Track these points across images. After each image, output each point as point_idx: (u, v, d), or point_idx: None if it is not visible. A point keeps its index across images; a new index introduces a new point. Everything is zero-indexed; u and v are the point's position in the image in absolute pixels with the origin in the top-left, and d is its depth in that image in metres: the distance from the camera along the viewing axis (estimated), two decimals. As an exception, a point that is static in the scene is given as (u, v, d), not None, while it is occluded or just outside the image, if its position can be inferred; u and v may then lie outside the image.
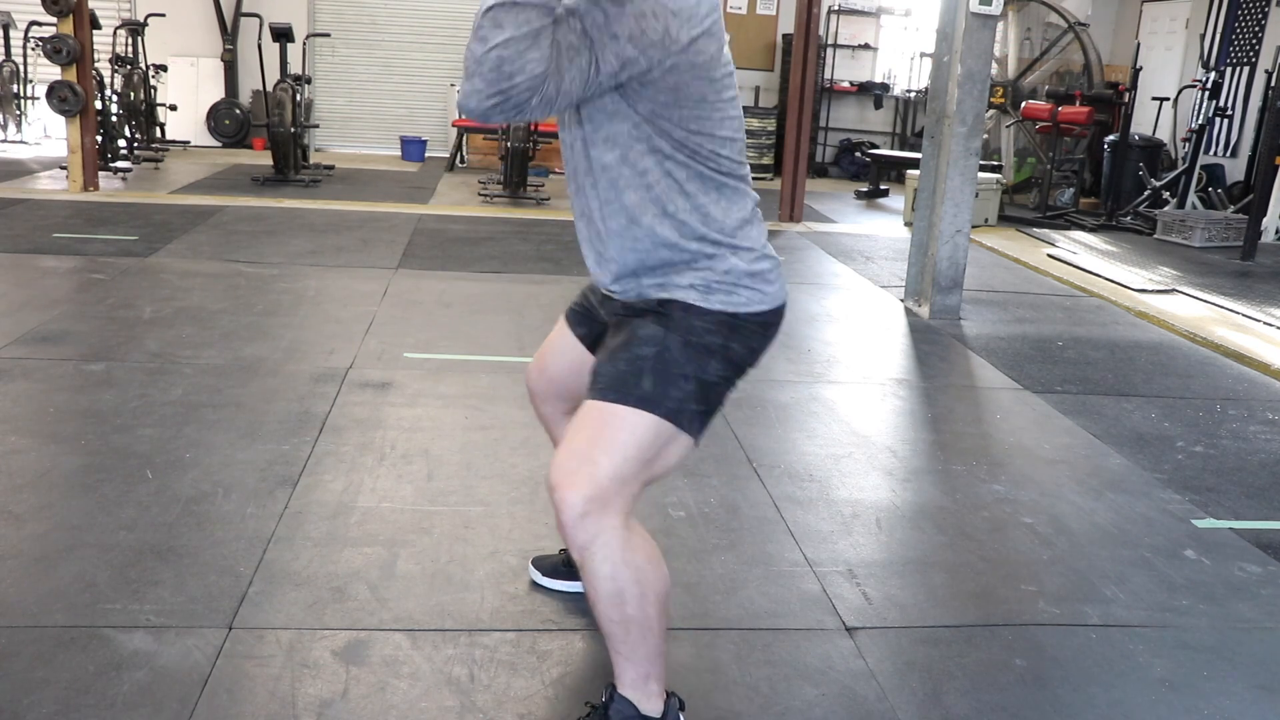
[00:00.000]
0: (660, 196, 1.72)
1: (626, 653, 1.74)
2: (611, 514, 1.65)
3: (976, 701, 2.09)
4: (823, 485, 3.12)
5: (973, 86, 5.11)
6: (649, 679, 1.77)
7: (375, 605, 2.30)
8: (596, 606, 1.71)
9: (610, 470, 1.65)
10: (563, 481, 1.64)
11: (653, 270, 1.77)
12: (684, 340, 1.72)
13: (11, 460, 2.94)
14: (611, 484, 1.65)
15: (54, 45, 7.49)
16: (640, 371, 1.70)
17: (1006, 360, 4.63)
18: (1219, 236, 8.13)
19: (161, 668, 2.02)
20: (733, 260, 1.75)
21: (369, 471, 3.00)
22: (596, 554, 1.65)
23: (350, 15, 11.30)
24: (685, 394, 1.71)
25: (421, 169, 10.46)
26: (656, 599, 1.71)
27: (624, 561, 1.66)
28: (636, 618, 1.70)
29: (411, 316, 4.74)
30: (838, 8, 11.80)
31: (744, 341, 1.77)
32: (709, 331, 1.74)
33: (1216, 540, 2.90)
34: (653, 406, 1.68)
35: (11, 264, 5.33)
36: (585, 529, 1.63)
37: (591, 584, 1.68)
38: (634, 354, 1.72)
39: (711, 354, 1.74)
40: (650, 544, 1.73)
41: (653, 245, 1.74)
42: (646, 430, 1.68)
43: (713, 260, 1.75)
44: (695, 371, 1.72)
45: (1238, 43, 9.74)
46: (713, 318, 1.74)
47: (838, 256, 6.99)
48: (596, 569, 1.66)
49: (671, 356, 1.71)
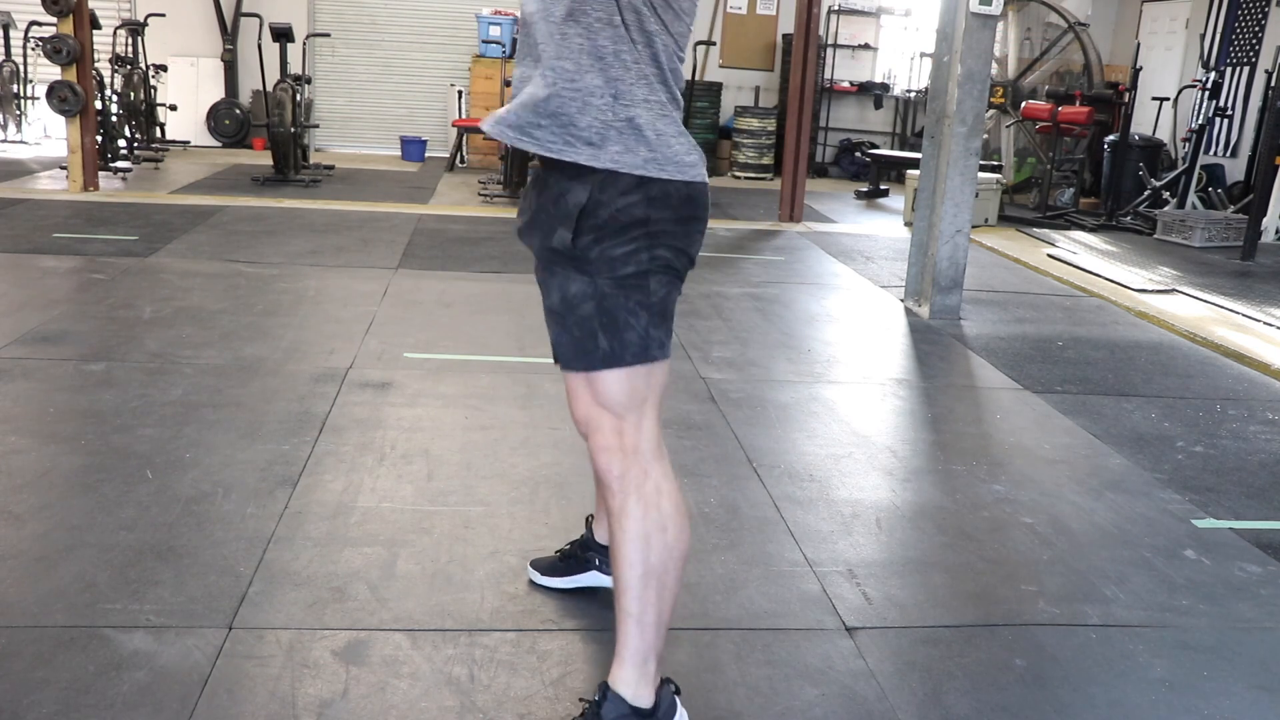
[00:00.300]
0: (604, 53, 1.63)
1: (637, 612, 1.76)
2: (642, 457, 1.75)
3: (976, 701, 2.09)
4: (823, 485, 3.12)
5: (973, 86, 5.11)
6: (649, 656, 1.78)
7: (375, 605, 2.30)
8: (621, 549, 1.76)
9: (611, 433, 1.75)
10: (589, 429, 1.79)
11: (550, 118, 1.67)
12: (613, 281, 1.69)
13: (11, 460, 2.94)
14: (621, 430, 1.75)
15: (54, 45, 7.49)
16: (592, 332, 1.73)
17: (1006, 360, 4.63)
18: (1219, 236, 8.14)
19: (161, 668, 2.02)
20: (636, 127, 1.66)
21: (369, 471, 3.00)
22: (631, 493, 1.74)
23: (350, 15, 11.30)
24: (640, 329, 1.72)
25: (421, 169, 10.46)
26: (679, 555, 1.78)
27: (654, 504, 1.75)
28: (657, 569, 1.75)
29: (411, 316, 4.74)
30: (838, 8, 11.80)
31: (667, 242, 1.70)
32: (630, 253, 1.67)
33: (1216, 540, 2.90)
34: (618, 360, 1.73)
35: (11, 264, 5.33)
36: (615, 465, 1.75)
37: (621, 524, 1.75)
38: (578, 316, 1.73)
39: (644, 276, 1.69)
40: (680, 498, 1.79)
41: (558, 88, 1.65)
42: (622, 380, 1.74)
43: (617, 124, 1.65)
44: (639, 303, 1.71)
45: (1238, 43, 9.74)
46: (623, 233, 1.66)
47: (838, 256, 6.99)
48: (629, 508, 1.75)
49: (611, 302, 1.70)
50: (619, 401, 1.75)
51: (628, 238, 1.68)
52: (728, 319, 5.04)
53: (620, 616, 1.78)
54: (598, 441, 1.77)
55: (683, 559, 1.79)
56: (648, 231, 1.69)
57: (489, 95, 10.47)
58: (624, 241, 1.68)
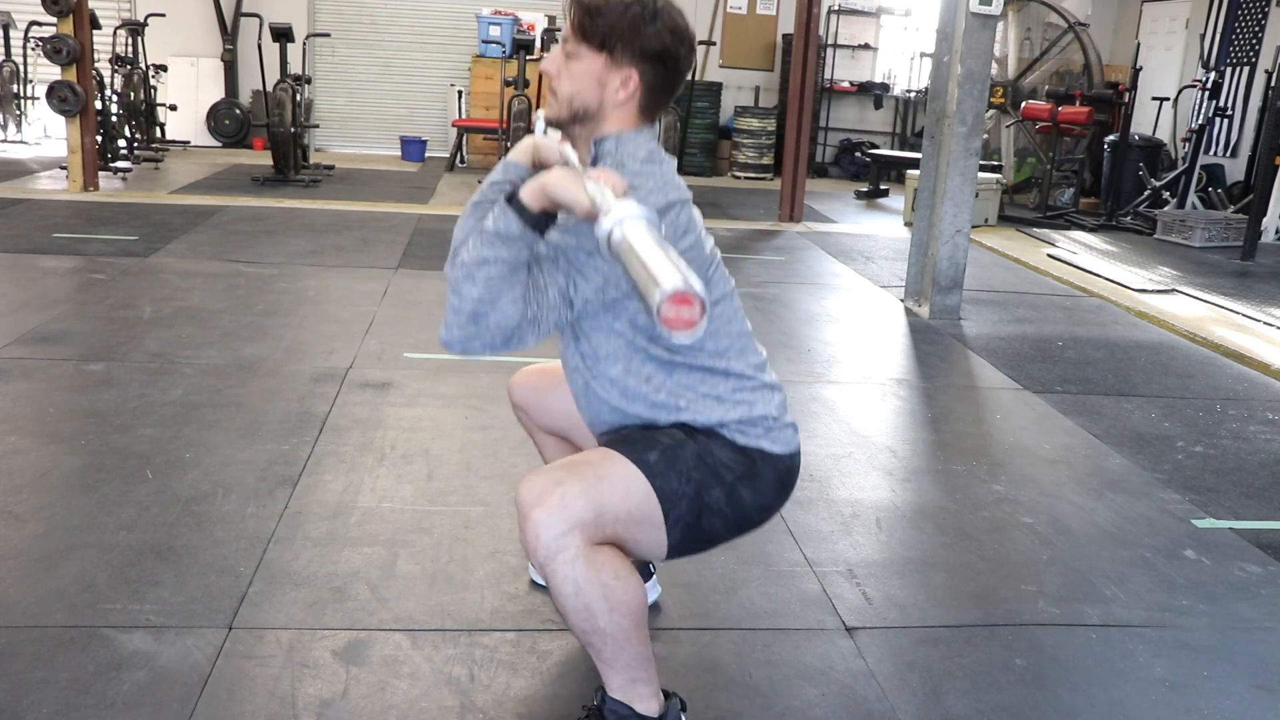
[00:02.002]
0: (673, 393, 1.76)
1: (608, 660, 1.72)
2: (574, 535, 1.59)
3: (976, 701, 2.09)
4: (823, 485, 3.12)
5: (973, 86, 5.11)
6: (635, 683, 1.75)
7: (375, 605, 2.30)
8: (568, 620, 1.68)
9: (579, 503, 1.60)
10: (529, 500, 1.60)
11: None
12: (699, 453, 1.72)
13: (11, 460, 2.94)
14: (578, 515, 1.59)
15: (54, 45, 7.49)
16: (651, 446, 1.71)
17: (1006, 360, 4.63)
18: (1219, 236, 8.14)
19: (161, 668, 2.02)
20: (748, 420, 1.78)
21: (369, 471, 3.00)
22: (558, 571, 1.60)
23: (350, 15, 11.30)
24: (682, 492, 1.69)
25: (421, 169, 10.46)
26: (629, 612, 1.65)
27: (587, 579, 1.60)
28: (609, 630, 1.66)
29: (411, 316, 4.74)
30: (838, 8, 11.80)
31: (755, 489, 1.77)
32: (725, 465, 1.74)
33: (1216, 540, 2.90)
34: (649, 473, 1.67)
35: (11, 264, 5.33)
36: (546, 546, 1.58)
37: (557, 598, 1.64)
38: (651, 435, 1.73)
39: (719, 482, 1.73)
40: (619, 559, 1.65)
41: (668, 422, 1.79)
42: (632, 487, 1.66)
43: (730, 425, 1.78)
44: (698, 483, 1.71)
45: (1238, 43, 9.74)
46: (732, 453, 1.75)
47: (838, 256, 6.99)
48: (560, 586, 1.61)
49: (684, 455, 1.71)
50: (606, 492, 1.63)
51: (732, 457, 1.75)
52: (728, 319, 5.03)
53: (593, 658, 1.74)
54: (538, 515, 1.58)
55: (635, 614, 1.67)
56: (752, 468, 1.76)
57: (489, 95, 10.47)
58: (728, 455, 1.75)
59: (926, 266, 5.42)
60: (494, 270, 1.56)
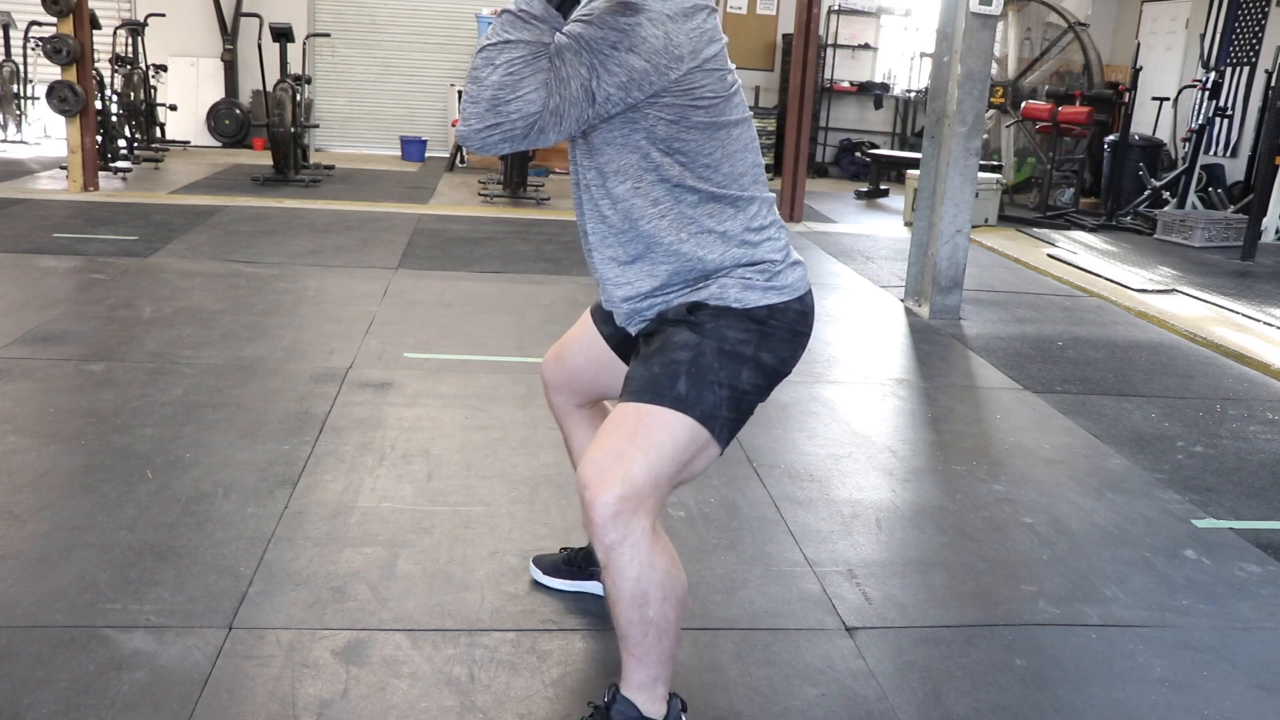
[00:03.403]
0: (675, 223, 1.74)
1: (640, 654, 1.74)
2: (642, 515, 1.63)
3: (976, 701, 2.09)
4: (823, 485, 3.12)
5: (973, 86, 5.11)
6: (657, 682, 1.77)
7: (375, 605, 2.30)
8: (617, 607, 1.70)
9: (644, 470, 1.63)
10: (595, 480, 1.62)
11: (670, 289, 1.79)
12: (718, 347, 1.72)
13: (11, 460, 2.94)
14: (645, 484, 1.63)
15: (54, 45, 7.49)
16: (676, 375, 1.70)
17: (1006, 360, 4.63)
18: (1219, 236, 8.13)
19: (161, 668, 2.02)
20: (751, 264, 1.76)
21: (369, 471, 3.00)
22: (625, 554, 1.63)
23: (350, 15, 11.30)
24: (719, 399, 1.70)
25: (421, 169, 10.46)
26: (677, 602, 1.71)
27: (650, 564, 1.64)
28: (656, 620, 1.70)
29: (411, 316, 4.74)
30: (838, 8, 11.80)
31: (774, 350, 1.77)
32: (741, 341, 1.74)
33: (1216, 540, 2.90)
34: (688, 408, 1.68)
35: (11, 264, 5.33)
36: (615, 529, 1.61)
37: (615, 584, 1.67)
38: (669, 358, 1.72)
39: (743, 362, 1.73)
40: (672, 548, 1.72)
41: (670, 270, 1.77)
42: (682, 432, 1.67)
43: (731, 269, 1.76)
44: (729, 378, 1.71)
45: (1238, 43, 9.74)
46: (742, 324, 1.74)
47: (838, 256, 6.99)
48: (624, 569, 1.64)
49: (706, 362, 1.71)
50: (653, 454, 1.64)
51: (744, 328, 1.73)
52: (728, 319, 5.03)
53: (623, 654, 1.77)
54: (602, 494, 1.61)
55: (680, 604, 1.72)
56: (764, 330, 1.74)
57: (489, 95, 10.45)
58: (741, 329, 1.73)
59: (926, 266, 5.42)
60: (515, 53, 1.55)
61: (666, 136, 1.68)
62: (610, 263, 1.82)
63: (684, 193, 1.73)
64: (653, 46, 1.58)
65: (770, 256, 1.78)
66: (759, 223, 1.79)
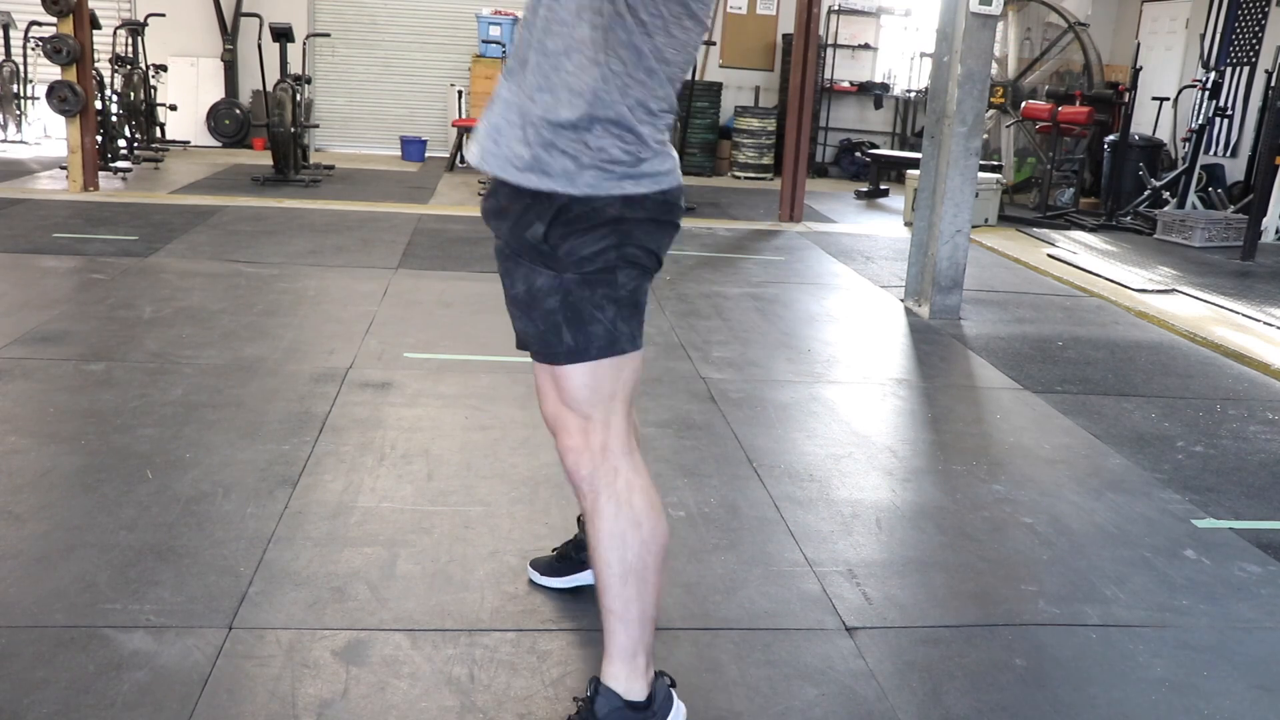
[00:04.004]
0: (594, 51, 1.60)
1: (620, 610, 1.75)
2: (610, 456, 1.73)
3: (976, 701, 2.09)
4: (823, 485, 3.12)
5: (973, 86, 5.11)
6: (637, 651, 1.78)
7: (375, 605, 2.30)
8: (597, 550, 1.74)
9: (578, 433, 1.74)
10: (556, 428, 1.77)
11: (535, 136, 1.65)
12: (580, 276, 1.67)
13: (11, 460, 2.94)
14: (587, 430, 1.73)
15: (54, 45, 7.49)
16: (557, 326, 1.69)
17: (1006, 360, 4.63)
18: (1219, 236, 8.13)
19: (161, 668, 2.02)
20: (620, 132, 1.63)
21: (369, 471, 3.00)
22: (601, 492, 1.73)
23: (350, 15, 11.30)
24: (608, 323, 1.69)
25: (421, 169, 10.46)
26: (657, 549, 1.76)
27: (626, 501, 1.72)
28: (635, 566, 1.73)
29: (411, 316, 4.74)
30: (838, 8, 11.79)
31: (638, 242, 1.69)
32: (598, 254, 1.66)
33: (1216, 540, 2.90)
34: (583, 355, 1.71)
35: (11, 264, 5.33)
36: (583, 465, 1.74)
37: (594, 524, 1.74)
38: (543, 310, 1.70)
39: (611, 270, 1.68)
40: (652, 493, 1.78)
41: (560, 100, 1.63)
42: (588, 375, 1.72)
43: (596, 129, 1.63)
44: (607, 295, 1.69)
45: (1238, 43, 9.74)
46: (594, 233, 1.64)
47: (838, 256, 6.99)
48: (601, 507, 1.73)
49: (576, 297, 1.68)
50: (585, 399, 1.73)
51: (598, 235, 1.66)
52: (728, 319, 5.04)
53: (604, 615, 1.78)
54: (565, 442, 1.75)
55: (660, 552, 1.78)
56: (619, 230, 1.67)
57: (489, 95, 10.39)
58: (594, 239, 1.66)
59: (926, 266, 5.42)
60: None
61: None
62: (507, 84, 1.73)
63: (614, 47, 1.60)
64: None
65: (641, 131, 1.64)
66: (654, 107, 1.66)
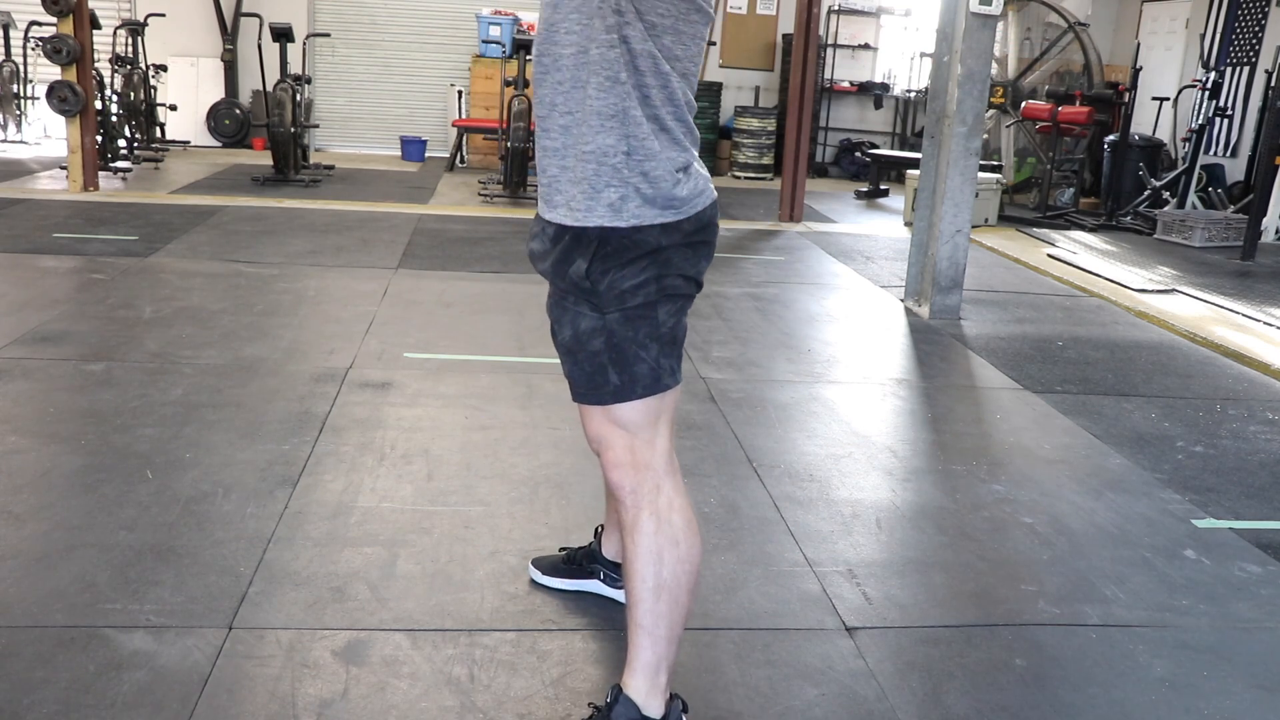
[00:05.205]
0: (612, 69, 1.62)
1: (649, 625, 1.76)
2: (654, 473, 1.76)
3: (976, 701, 2.09)
4: (823, 485, 3.12)
5: (973, 86, 5.11)
6: (660, 668, 1.78)
7: (375, 605, 2.30)
8: (633, 564, 1.76)
9: (624, 450, 1.76)
10: (601, 447, 1.80)
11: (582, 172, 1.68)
12: (622, 314, 1.70)
13: (11, 460, 2.94)
14: (633, 447, 1.76)
15: (54, 45, 7.49)
16: (603, 367, 1.73)
17: (1006, 360, 4.63)
18: (1219, 236, 8.13)
19: (161, 668, 2.02)
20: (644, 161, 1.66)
21: (369, 471, 3.00)
22: (644, 507, 1.75)
23: (350, 15, 11.30)
24: (651, 361, 1.73)
25: (421, 169, 10.46)
26: (692, 569, 1.78)
27: (666, 519, 1.75)
28: (669, 583, 1.76)
29: (411, 316, 4.74)
30: (838, 8, 11.79)
31: (679, 269, 1.72)
32: (639, 287, 1.68)
33: (1216, 540, 2.90)
34: (628, 394, 1.73)
35: (11, 264, 5.33)
36: (627, 480, 1.76)
37: (633, 538, 1.76)
38: (589, 352, 1.74)
39: (653, 305, 1.71)
40: (691, 513, 1.80)
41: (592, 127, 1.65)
42: (633, 413, 1.76)
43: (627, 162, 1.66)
44: (649, 332, 1.72)
45: (1238, 43, 9.74)
46: (634, 265, 1.67)
47: (838, 256, 6.99)
48: (642, 523, 1.75)
49: (620, 336, 1.71)
50: (632, 422, 1.76)
51: (639, 266, 1.69)
52: (728, 319, 5.04)
53: (632, 628, 1.79)
54: (610, 458, 1.78)
55: (694, 573, 1.80)
56: (658, 260, 1.70)
57: (489, 95, 10.46)
58: (635, 271, 1.69)
59: (926, 266, 5.42)
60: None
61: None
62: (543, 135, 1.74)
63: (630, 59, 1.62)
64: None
65: (673, 132, 1.68)
66: (675, 117, 1.69)
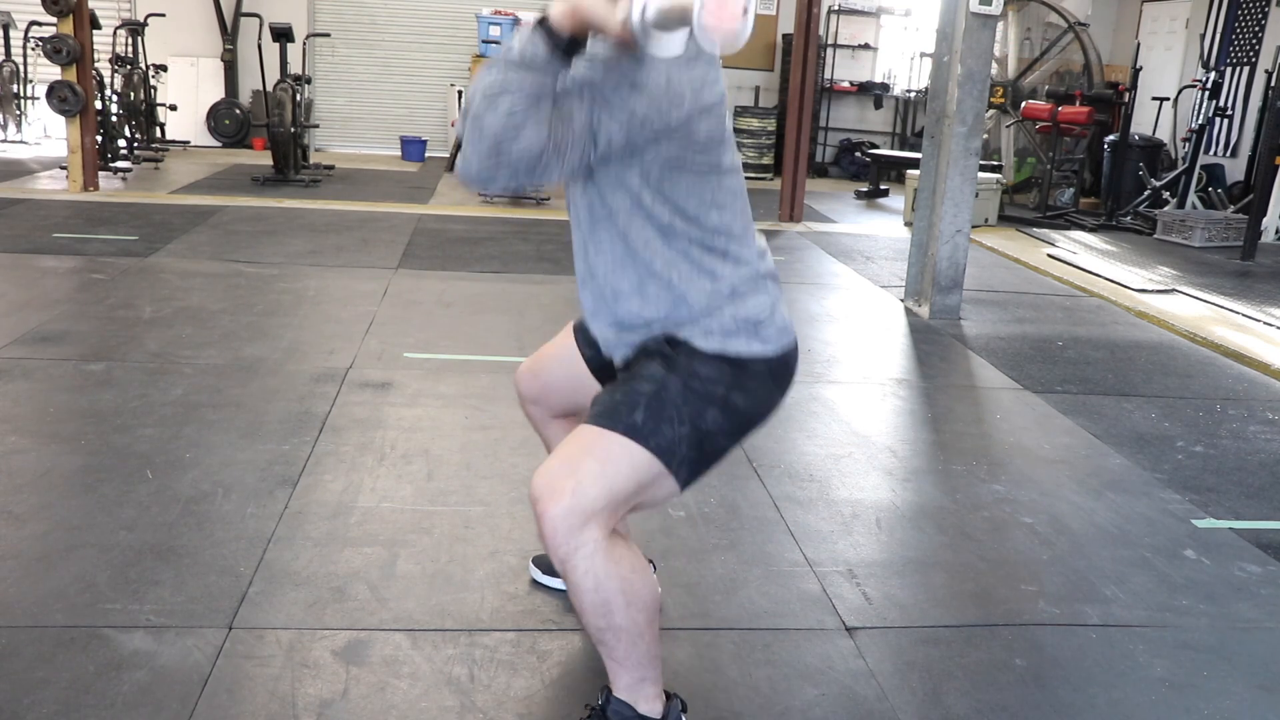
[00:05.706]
0: (667, 263, 1.74)
1: (619, 658, 1.74)
2: (593, 527, 1.62)
3: (976, 701, 2.09)
4: (823, 485, 3.12)
5: (973, 86, 5.11)
6: (643, 682, 1.77)
7: (375, 605, 2.30)
8: (583, 616, 1.70)
9: (592, 492, 1.62)
10: (546, 493, 1.62)
11: (654, 324, 1.79)
12: (684, 384, 1.72)
13: (11, 460, 2.94)
14: (596, 498, 1.62)
15: (54, 45, 7.49)
16: (635, 404, 1.69)
17: (1006, 360, 4.63)
18: (1219, 236, 8.13)
19: (161, 668, 2.02)
20: (736, 316, 1.76)
21: (369, 471, 3.00)
22: (579, 566, 1.62)
23: (350, 15, 11.30)
24: (678, 436, 1.69)
25: (421, 169, 10.46)
26: (645, 608, 1.70)
27: (607, 573, 1.63)
28: (625, 626, 1.69)
29: (411, 316, 4.74)
30: (838, 8, 11.80)
31: (749, 394, 1.76)
32: (712, 380, 1.73)
33: (1216, 540, 2.90)
34: (641, 439, 1.67)
35: (11, 264, 5.33)
36: (566, 541, 1.61)
37: (575, 595, 1.66)
38: (632, 388, 1.73)
39: (711, 402, 1.72)
40: (636, 555, 1.70)
41: (655, 307, 1.77)
42: (632, 460, 1.67)
43: (718, 312, 1.76)
44: (691, 416, 1.70)
45: (1238, 43, 9.74)
46: (716, 364, 1.74)
47: (838, 256, 6.99)
48: (579, 581, 1.64)
49: (669, 396, 1.70)
50: (607, 476, 1.64)
51: (717, 368, 1.73)
52: (728, 319, 5.03)
53: (604, 657, 1.76)
54: (555, 506, 1.60)
55: (649, 608, 1.71)
56: (738, 374, 1.74)
57: (489, 95, 10.46)
58: (713, 369, 1.73)
59: (926, 266, 5.42)
60: (517, 100, 1.51)
61: (660, 179, 1.68)
62: (598, 295, 1.82)
63: (674, 237, 1.73)
64: (655, 89, 1.59)
65: (757, 314, 1.77)
66: (748, 272, 1.78)
